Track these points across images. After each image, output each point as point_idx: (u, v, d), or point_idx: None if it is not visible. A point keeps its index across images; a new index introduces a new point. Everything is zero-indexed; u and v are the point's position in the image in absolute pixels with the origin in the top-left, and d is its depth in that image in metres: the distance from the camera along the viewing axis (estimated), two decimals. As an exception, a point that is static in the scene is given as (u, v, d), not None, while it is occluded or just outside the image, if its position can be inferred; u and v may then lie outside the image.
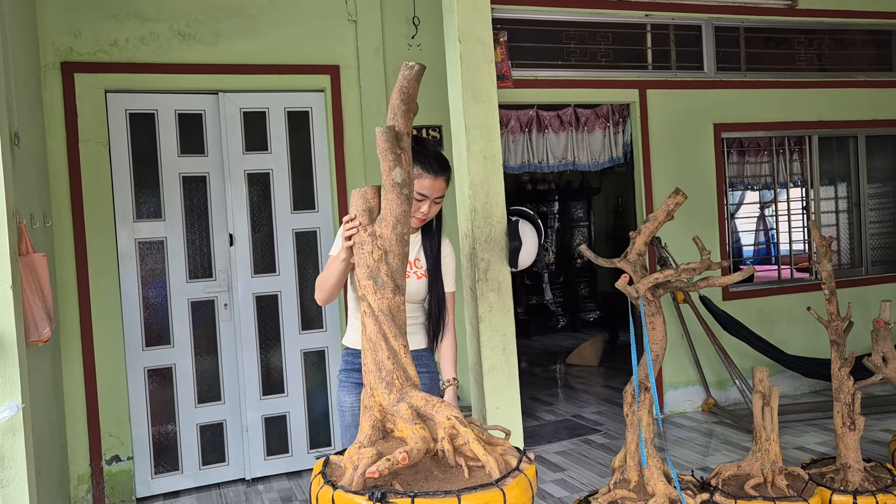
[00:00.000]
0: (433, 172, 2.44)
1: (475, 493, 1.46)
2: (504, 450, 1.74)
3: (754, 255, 8.85)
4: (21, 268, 2.96)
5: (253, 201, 4.61)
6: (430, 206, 2.49)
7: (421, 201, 2.46)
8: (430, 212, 2.51)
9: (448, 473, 1.55)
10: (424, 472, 1.56)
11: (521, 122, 5.27)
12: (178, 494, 4.45)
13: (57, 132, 4.17)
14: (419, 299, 2.67)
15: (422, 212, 2.48)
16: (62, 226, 4.18)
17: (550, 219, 9.91)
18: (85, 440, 4.23)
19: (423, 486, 1.50)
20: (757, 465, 3.41)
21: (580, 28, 5.29)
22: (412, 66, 2.17)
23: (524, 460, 1.70)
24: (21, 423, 2.59)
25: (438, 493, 1.43)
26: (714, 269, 3.31)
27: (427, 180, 2.44)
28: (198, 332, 4.51)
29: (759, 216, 8.68)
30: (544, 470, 4.49)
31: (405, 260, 2.35)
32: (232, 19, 4.49)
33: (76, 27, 4.21)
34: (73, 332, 4.19)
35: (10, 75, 3.11)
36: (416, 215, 2.48)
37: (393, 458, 1.47)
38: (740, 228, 9.09)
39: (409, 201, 2.31)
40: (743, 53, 5.76)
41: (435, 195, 2.48)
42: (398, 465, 1.47)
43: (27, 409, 2.67)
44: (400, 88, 2.14)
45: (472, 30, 3.15)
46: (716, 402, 5.50)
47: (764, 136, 5.94)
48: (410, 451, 1.49)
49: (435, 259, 2.63)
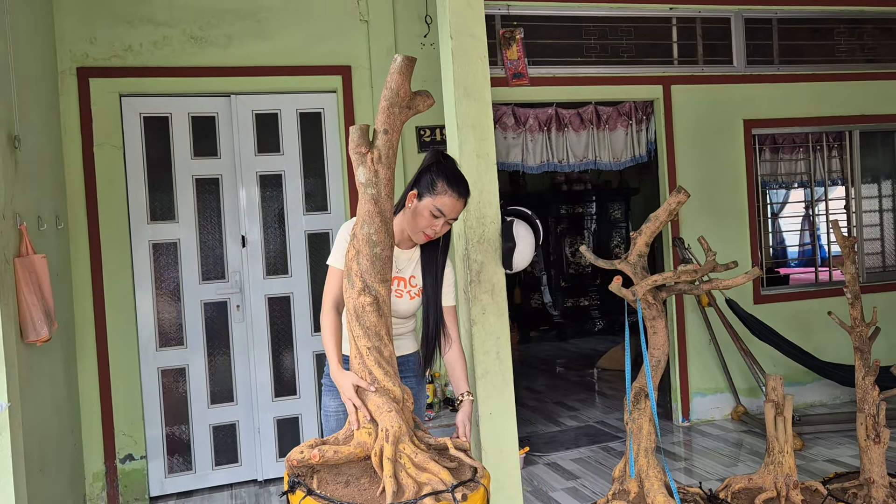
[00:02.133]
0: (458, 193, 2.39)
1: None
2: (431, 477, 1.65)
3: (799, 256, 8.49)
4: (20, 269, 3.01)
5: (265, 203, 4.63)
6: (443, 225, 2.42)
7: (438, 218, 2.39)
8: (441, 230, 2.44)
9: (375, 485, 1.49)
10: (349, 477, 1.50)
11: (539, 120, 5.16)
12: (191, 494, 4.49)
13: (73, 136, 4.26)
14: (409, 315, 2.62)
15: (434, 229, 2.41)
16: (77, 228, 4.26)
17: (587, 220, 9.72)
18: (100, 439, 4.30)
19: (332, 490, 1.44)
20: (770, 479, 3.23)
21: (601, 23, 5.14)
22: (395, 58, 2.12)
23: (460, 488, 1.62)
24: (6, 421, 2.63)
25: (333, 500, 1.37)
26: (720, 272, 3.16)
27: (450, 199, 2.38)
28: (211, 334, 4.55)
29: (803, 216, 8.33)
30: (557, 478, 4.37)
31: (378, 261, 2.29)
32: (243, 22, 4.51)
33: (92, 33, 4.29)
34: (87, 332, 4.27)
35: (13, 81, 3.18)
36: (427, 231, 2.42)
37: (306, 453, 1.42)
38: (784, 228, 8.74)
39: (373, 201, 2.25)
40: (776, 46, 5.51)
41: (452, 215, 2.42)
42: (310, 461, 1.42)
43: (15, 407, 2.71)
44: (385, 83, 2.10)
45: (464, 25, 3.07)
46: (745, 411, 5.27)
47: (799, 131, 5.68)
48: (325, 452, 1.43)
49: (435, 278, 2.54)
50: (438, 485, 1.57)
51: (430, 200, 2.38)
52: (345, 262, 2.28)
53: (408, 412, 2.26)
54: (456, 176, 2.44)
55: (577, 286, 9.57)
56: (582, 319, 9.68)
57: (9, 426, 2.64)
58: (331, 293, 2.41)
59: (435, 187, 2.38)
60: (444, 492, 1.54)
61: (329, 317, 2.34)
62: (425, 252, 2.55)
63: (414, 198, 2.42)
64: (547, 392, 6.72)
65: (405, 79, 2.16)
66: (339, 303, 2.39)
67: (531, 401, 6.39)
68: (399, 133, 2.20)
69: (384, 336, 2.30)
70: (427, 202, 2.38)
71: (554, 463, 4.64)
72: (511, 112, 5.10)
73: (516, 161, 5.12)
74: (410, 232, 2.47)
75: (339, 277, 2.41)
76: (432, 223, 2.39)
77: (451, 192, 2.38)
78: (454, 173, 2.44)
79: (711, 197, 5.34)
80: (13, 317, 2.84)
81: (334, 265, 2.44)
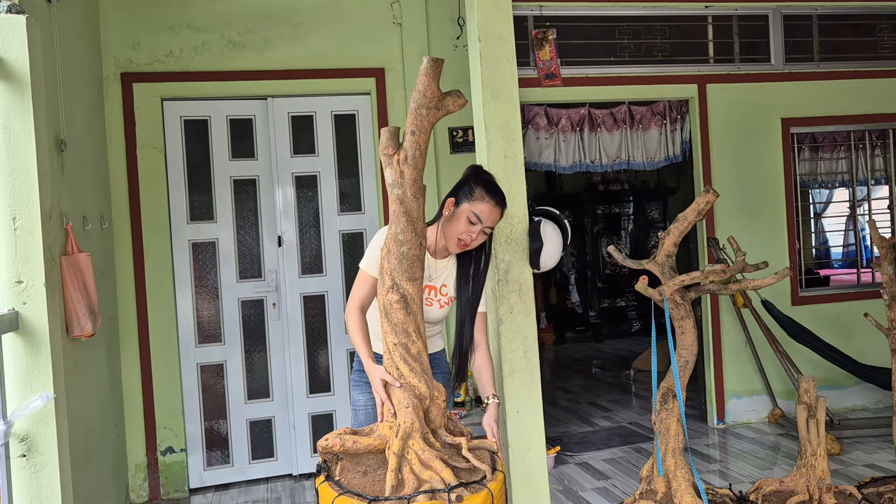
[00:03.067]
0: (494, 200, 2.48)
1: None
2: (432, 475, 1.71)
3: (843, 257, 8.30)
4: (66, 267, 3.15)
5: (301, 203, 4.72)
6: (479, 233, 2.48)
7: (474, 224, 2.46)
8: (476, 239, 2.49)
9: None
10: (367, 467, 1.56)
11: (572, 121, 5.16)
12: (229, 487, 4.61)
13: (117, 139, 4.41)
14: (438, 321, 2.69)
15: (471, 235, 2.47)
16: (121, 227, 4.41)
17: (624, 220, 9.65)
18: (142, 431, 4.44)
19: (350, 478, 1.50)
20: (802, 482, 3.20)
21: (634, 23, 5.12)
22: (423, 60, 2.18)
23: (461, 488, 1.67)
24: (52, 412, 2.75)
25: (341, 486, 1.43)
26: (750, 272, 3.13)
27: (487, 206, 2.46)
28: (248, 331, 4.66)
29: (847, 216, 8.14)
30: (587, 477, 4.37)
31: (406, 260, 2.35)
32: (279, 27, 4.62)
33: (135, 39, 4.44)
34: (130, 328, 4.42)
35: (61, 88, 3.32)
36: (463, 237, 2.48)
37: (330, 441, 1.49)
38: (827, 229, 8.55)
39: (399, 201, 2.31)
40: (816, 43, 5.42)
41: (488, 223, 2.48)
42: (332, 449, 1.49)
43: (60, 399, 2.83)
44: (415, 85, 2.17)
45: (492, 27, 3.10)
46: (783, 414, 5.19)
47: (840, 130, 5.57)
48: (345, 441, 1.50)
49: (472, 295, 2.58)
50: (438, 483, 1.61)
51: (468, 206, 2.46)
52: (378, 262, 2.35)
53: (437, 409, 2.30)
54: (494, 186, 2.53)
55: (614, 287, 9.51)
56: (618, 320, 9.62)
57: (55, 417, 2.75)
58: (357, 295, 2.48)
59: (473, 193, 2.47)
60: (439, 491, 1.58)
61: (354, 314, 2.42)
62: (464, 267, 2.60)
63: (451, 204, 2.49)
64: (581, 392, 6.70)
65: (431, 80, 2.21)
66: (365, 305, 2.46)
67: (565, 401, 6.38)
68: (427, 134, 2.25)
69: (412, 333, 2.35)
70: (465, 207, 2.47)
71: (585, 463, 4.64)
72: (543, 112, 5.11)
73: (548, 161, 5.13)
74: (447, 239, 2.53)
75: (367, 281, 2.49)
76: (469, 229, 2.46)
77: (488, 198, 2.47)
78: (492, 183, 2.53)
79: (748, 197, 5.27)
80: (59, 312, 2.96)
81: (364, 269, 2.51)
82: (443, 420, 2.29)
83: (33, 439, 2.70)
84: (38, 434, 2.72)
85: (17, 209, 2.67)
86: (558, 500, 4.02)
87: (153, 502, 4.44)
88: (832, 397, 5.34)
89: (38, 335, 2.74)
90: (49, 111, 3.11)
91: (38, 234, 2.76)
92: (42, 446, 2.73)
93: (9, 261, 2.65)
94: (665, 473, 3.07)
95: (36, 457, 2.71)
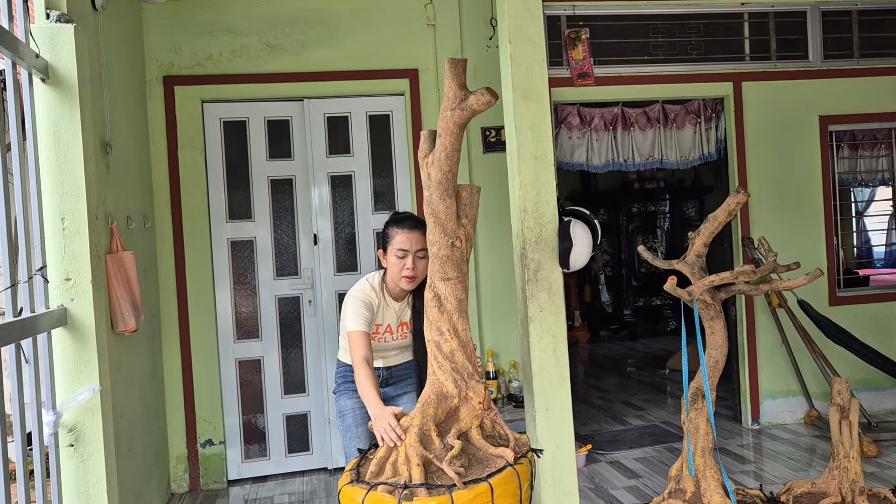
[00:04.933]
0: (406, 227, 2.72)
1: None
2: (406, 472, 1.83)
3: (885, 256, 8.12)
4: (111, 265, 3.28)
5: (336, 202, 4.82)
6: (413, 261, 2.71)
7: (404, 257, 2.70)
8: (417, 268, 2.72)
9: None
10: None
11: (605, 120, 5.16)
12: (266, 479, 4.73)
13: (159, 140, 4.55)
14: (407, 346, 2.98)
15: (407, 268, 2.70)
16: (163, 226, 4.56)
17: (660, 218, 9.58)
18: (182, 424, 4.58)
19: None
20: (834, 484, 3.18)
21: (668, 21, 5.10)
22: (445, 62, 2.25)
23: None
24: (98, 404, 2.87)
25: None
26: (781, 272, 3.12)
27: (402, 236, 2.72)
28: (284, 327, 4.77)
29: (891, 214, 7.95)
30: (619, 476, 4.38)
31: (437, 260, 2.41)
32: (315, 29, 4.71)
33: (176, 44, 4.58)
34: (172, 324, 4.56)
35: (106, 92, 3.45)
36: (405, 273, 2.72)
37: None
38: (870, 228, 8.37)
39: (427, 203, 2.37)
40: (856, 39, 5.32)
41: (415, 248, 2.71)
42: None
43: (106, 391, 2.96)
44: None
45: (522, 29, 3.13)
46: (819, 415, 5.12)
47: (881, 127, 5.47)
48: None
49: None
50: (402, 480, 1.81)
51: (391, 247, 2.74)
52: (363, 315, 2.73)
53: (469, 409, 2.34)
54: (400, 217, 2.79)
55: (649, 285, 9.44)
56: (654, 319, 9.56)
57: (100, 409, 2.88)
58: (359, 352, 2.65)
59: (388, 235, 2.76)
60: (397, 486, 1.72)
61: (362, 366, 2.60)
62: (417, 299, 2.84)
63: (382, 256, 2.79)
64: (614, 391, 6.69)
65: (451, 81, 2.25)
66: (369, 357, 2.65)
67: (598, 399, 6.38)
68: (454, 136, 2.29)
69: (445, 332, 2.41)
70: (390, 250, 2.74)
71: (617, 461, 4.65)
72: (576, 112, 5.12)
73: (581, 161, 5.14)
74: (396, 282, 2.78)
75: (360, 338, 2.68)
76: (404, 263, 2.71)
77: (398, 229, 2.73)
78: (398, 217, 2.81)
79: (784, 196, 5.21)
80: (104, 308, 3.09)
81: (353, 330, 2.70)
82: (474, 421, 2.33)
83: (80, 430, 2.83)
84: (85, 425, 2.85)
85: (66, 210, 2.79)
86: (589, 499, 4.04)
87: (193, 493, 4.58)
88: (871, 399, 5.25)
89: (85, 330, 2.87)
90: (95, 115, 3.24)
91: (85, 234, 2.89)
92: (89, 437, 2.85)
93: (58, 259, 2.78)
94: (695, 473, 3.08)
95: (83, 447, 2.84)
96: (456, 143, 2.28)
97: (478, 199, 2.46)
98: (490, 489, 1.82)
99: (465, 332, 2.43)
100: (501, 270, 4.88)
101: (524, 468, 2.11)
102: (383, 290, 2.84)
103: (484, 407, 2.33)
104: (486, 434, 2.36)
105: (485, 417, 2.37)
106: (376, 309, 2.80)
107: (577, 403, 5.88)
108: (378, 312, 2.82)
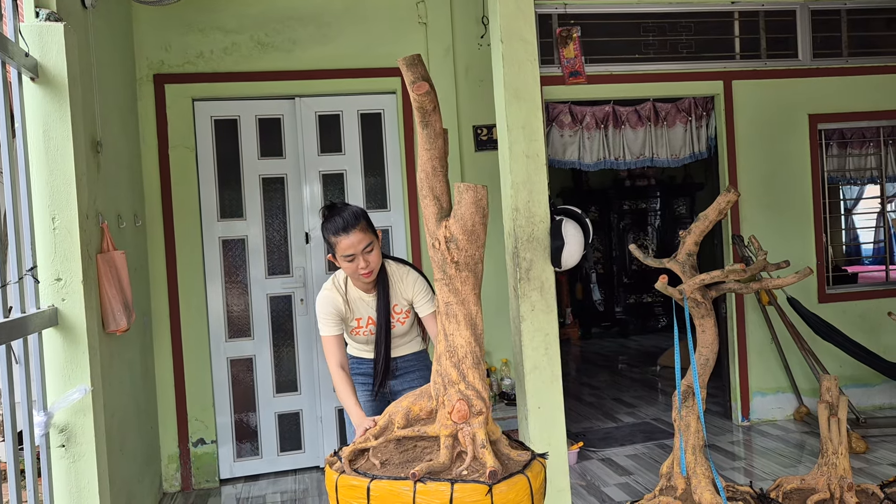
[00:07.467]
0: (343, 233, 2.65)
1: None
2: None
3: (873, 254, 8.18)
4: (102, 264, 3.26)
5: (328, 200, 4.81)
6: (363, 260, 2.67)
7: (353, 260, 2.66)
8: (369, 264, 2.69)
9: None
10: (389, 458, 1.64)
11: (596, 118, 5.17)
12: (258, 478, 4.72)
13: (150, 139, 4.53)
14: (408, 332, 2.92)
15: (360, 268, 2.68)
16: (154, 225, 4.54)
17: (651, 216, 9.61)
18: (174, 423, 4.57)
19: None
20: (823, 480, 3.21)
21: (659, 19, 5.12)
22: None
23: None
24: (90, 404, 2.87)
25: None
26: (771, 270, 3.15)
27: (343, 241, 2.66)
28: (276, 326, 4.77)
29: (878, 212, 8.02)
30: (610, 473, 4.40)
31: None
32: (307, 27, 4.70)
33: (167, 42, 4.56)
34: (163, 323, 4.55)
35: (97, 90, 3.43)
36: (360, 272, 2.69)
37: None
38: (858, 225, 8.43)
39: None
40: (845, 38, 5.36)
41: (360, 247, 2.66)
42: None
43: (97, 391, 2.95)
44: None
45: (514, 29, 3.14)
46: (809, 411, 5.17)
47: (869, 126, 5.51)
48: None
49: (385, 309, 2.80)
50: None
51: (338, 253, 2.69)
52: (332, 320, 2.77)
53: (442, 415, 2.29)
54: (333, 222, 2.69)
55: (641, 283, 9.48)
56: (645, 316, 9.59)
57: (92, 409, 2.87)
58: (332, 359, 2.69)
59: (331, 243, 2.70)
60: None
61: (337, 372, 2.65)
62: (381, 286, 2.82)
63: (333, 259, 2.76)
64: (605, 388, 6.72)
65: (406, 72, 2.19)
66: (343, 362, 2.68)
67: (589, 397, 6.41)
68: (420, 135, 2.21)
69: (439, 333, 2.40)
70: (338, 256, 2.70)
71: (608, 458, 4.67)
72: (568, 110, 5.13)
73: (572, 159, 5.15)
74: (355, 281, 2.77)
75: (332, 342, 2.71)
76: (354, 265, 2.67)
77: (338, 237, 2.66)
78: (331, 222, 2.70)
79: (774, 193, 5.24)
80: (96, 308, 3.08)
81: (325, 335, 2.73)
82: (443, 430, 2.23)
83: (72, 430, 2.82)
84: (77, 425, 2.84)
85: (56, 209, 2.78)
86: (580, 496, 4.06)
87: (185, 492, 4.57)
88: (859, 395, 5.29)
89: (76, 330, 2.85)
90: (85, 113, 3.22)
91: (75, 233, 2.88)
92: (80, 437, 2.84)
93: (48, 259, 2.77)
94: (686, 470, 3.10)
95: (74, 447, 2.83)
96: (424, 142, 2.21)
97: (471, 198, 2.41)
98: (489, 488, 1.81)
99: (453, 336, 2.27)
100: (493, 269, 4.87)
101: (535, 473, 2.10)
102: (350, 285, 2.82)
103: (455, 419, 2.15)
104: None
105: (460, 431, 2.15)
106: (345, 306, 2.79)
107: (569, 401, 5.90)
108: (351, 308, 2.80)
